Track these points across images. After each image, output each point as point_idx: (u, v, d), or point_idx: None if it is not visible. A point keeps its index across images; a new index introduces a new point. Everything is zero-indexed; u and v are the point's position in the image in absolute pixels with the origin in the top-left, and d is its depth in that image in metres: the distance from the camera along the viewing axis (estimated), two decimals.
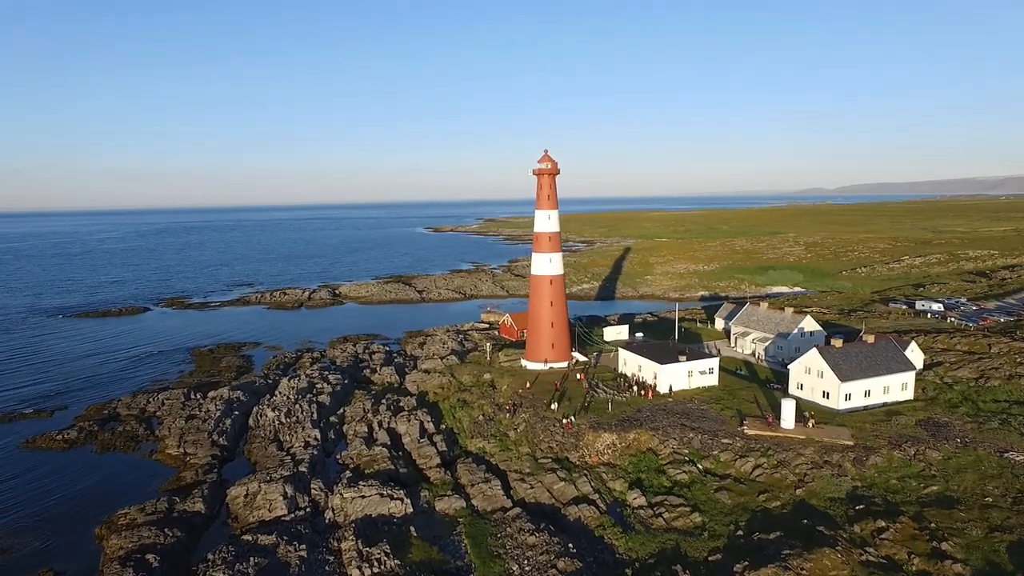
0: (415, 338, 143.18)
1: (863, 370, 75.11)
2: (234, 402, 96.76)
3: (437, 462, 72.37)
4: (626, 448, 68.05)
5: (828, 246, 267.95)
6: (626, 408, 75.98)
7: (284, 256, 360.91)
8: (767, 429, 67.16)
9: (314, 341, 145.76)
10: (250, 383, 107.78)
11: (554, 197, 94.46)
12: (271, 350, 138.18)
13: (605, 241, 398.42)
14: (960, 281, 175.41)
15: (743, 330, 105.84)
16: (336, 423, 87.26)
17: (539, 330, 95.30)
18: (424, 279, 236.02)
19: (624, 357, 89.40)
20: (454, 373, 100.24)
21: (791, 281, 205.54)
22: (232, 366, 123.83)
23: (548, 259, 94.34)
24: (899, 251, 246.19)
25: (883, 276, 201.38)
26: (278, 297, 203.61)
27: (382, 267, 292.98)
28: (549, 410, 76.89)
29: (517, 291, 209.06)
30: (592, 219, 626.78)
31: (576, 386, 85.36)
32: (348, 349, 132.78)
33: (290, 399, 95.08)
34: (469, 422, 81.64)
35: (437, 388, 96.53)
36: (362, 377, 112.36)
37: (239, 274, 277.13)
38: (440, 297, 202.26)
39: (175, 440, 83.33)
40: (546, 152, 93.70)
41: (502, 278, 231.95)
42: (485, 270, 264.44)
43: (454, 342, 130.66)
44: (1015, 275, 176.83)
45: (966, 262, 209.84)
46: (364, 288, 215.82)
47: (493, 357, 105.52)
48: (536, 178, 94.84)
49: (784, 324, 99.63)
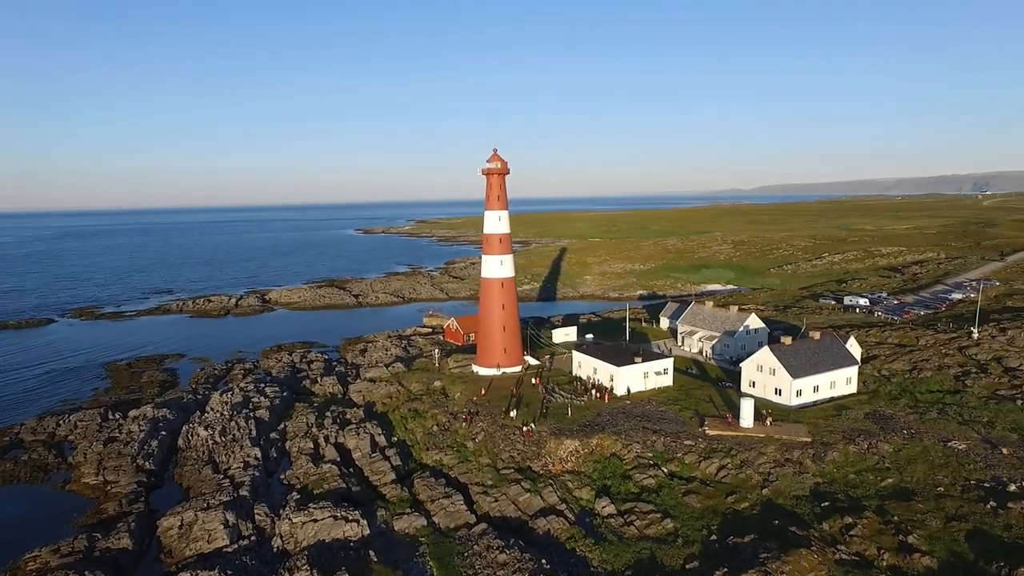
0: (355, 345, 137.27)
1: (812, 366, 76.96)
2: (159, 421, 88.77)
3: (392, 478, 68.42)
4: (589, 454, 66.53)
5: (754, 245, 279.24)
6: (586, 412, 74.57)
7: (205, 260, 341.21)
8: (727, 429, 67.34)
9: (245, 351, 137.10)
10: (176, 399, 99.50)
11: (504, 198, 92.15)
12: (197, 362, 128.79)
13: (540, 241, 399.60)
14: (877, 276, 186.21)
15: (690, 329, 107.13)
16: (277, 440, 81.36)
17: (491, 334, 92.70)
18: (359, 283, 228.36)
19: (578, 360, 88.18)
20: (402, 381, 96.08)
21: (723, 279, 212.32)
22: (154, 381, 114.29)
23: (499, 261, 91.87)
24: (819, 249, 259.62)
25: (808, 273, 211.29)
26: (201, 304, 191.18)
27: (314, 271, 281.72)
28: (508, 418, 74.41)
29: (457, 294, 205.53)
30: (525, 220, 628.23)
31: (532, 391, 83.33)
32: (283, 359, 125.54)
33: (224, 415, 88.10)
34: (423, 433, 77.99)
35: (385, 398, 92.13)
36: (302, 388, 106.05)
37: (156, 280, 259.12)
38: (377, 301, 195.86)
39: (92, 467, 75.22)
40: (495, 151, 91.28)
41: (441, 281, 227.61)
42: (422, 273, 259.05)
43: (398, 348, 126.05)
44: (924, 270, 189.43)
45: (880, 258, 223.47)
46: (296, 293, 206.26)
47: (442, 363, 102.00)
48: (485, 178, 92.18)
49: (730, 322, 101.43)
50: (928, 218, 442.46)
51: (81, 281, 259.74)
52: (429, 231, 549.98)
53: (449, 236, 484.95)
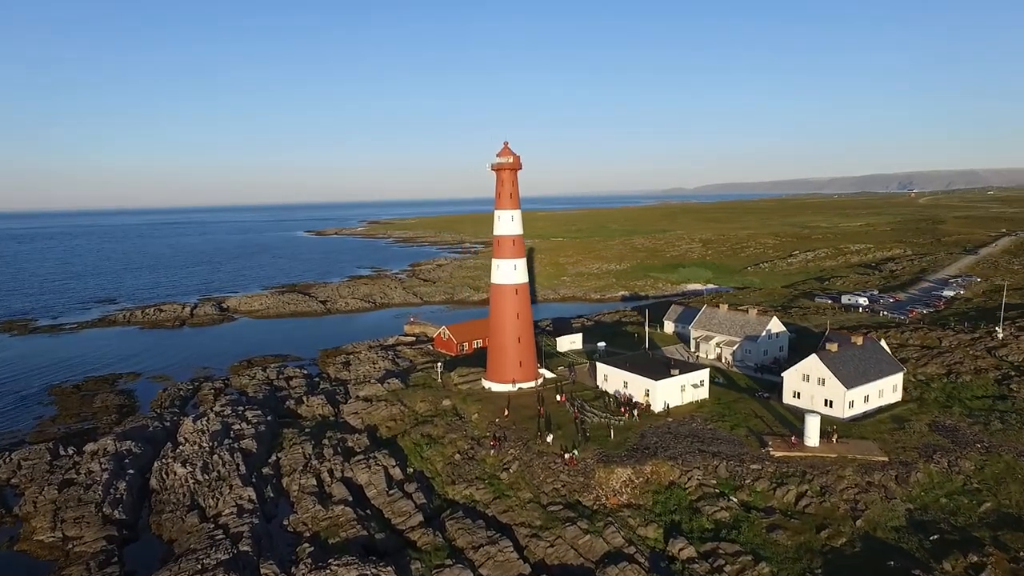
0: (334, 357, 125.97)
1: (862, 374, 71.88)
2: (124, 456, 76.29)
3: (419, 519, 59.08)
4: (645, 484, 59.04)
5: (723, 243, 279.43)
6: (628, 434, 67.09)
7: (148, 266, 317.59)
8: (793, 449, 61.12)
9: (210, 367, 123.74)
10: (140, 428, 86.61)
11: (516, 195, 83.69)
12: (157, 381, 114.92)
13: None
14: (856, 274, 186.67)
15: (705, 334, 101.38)
16: (271, 476, 70.42)
17: (504, 346, 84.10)
18: (324, 288, 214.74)
19: (604, 372, 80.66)
20: (403, 400, 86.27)
21: (702, 278, 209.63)
22: (110, 406, 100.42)
23: (513, 266, 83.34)
24: (786, 246, 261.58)
25: (785, 271, 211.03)
26: (152, 314, 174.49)
27: (270, 275, 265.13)
28: (543, 443, 66.09)
29: (432, 298, 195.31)
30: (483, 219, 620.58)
31: (560, 410, 75.26)
32: (257, 375, 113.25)
33: (203, 447, 76.35)
34: (443, 463, 68.74)
35: (388, 420, 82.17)
36: (286, 410, 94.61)
37: (95, 288, 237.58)
38: (348, 308, 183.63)
39: (47, 519, 62.70)
40: (506, 144, 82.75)
41: (411, 284, 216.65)
42: (388, 276, 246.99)
43: (385, 360, 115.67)
44: (899, 267, 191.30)
45: (850, 255, 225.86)
46: (256, 300, 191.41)
47: (445, 378, 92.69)
48: (495, 174, 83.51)
49: (750, 326, 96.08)
50: (875, 215, 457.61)
51: (7, 291, 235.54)
52: (385, 232, 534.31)
53: (407, 237, 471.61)
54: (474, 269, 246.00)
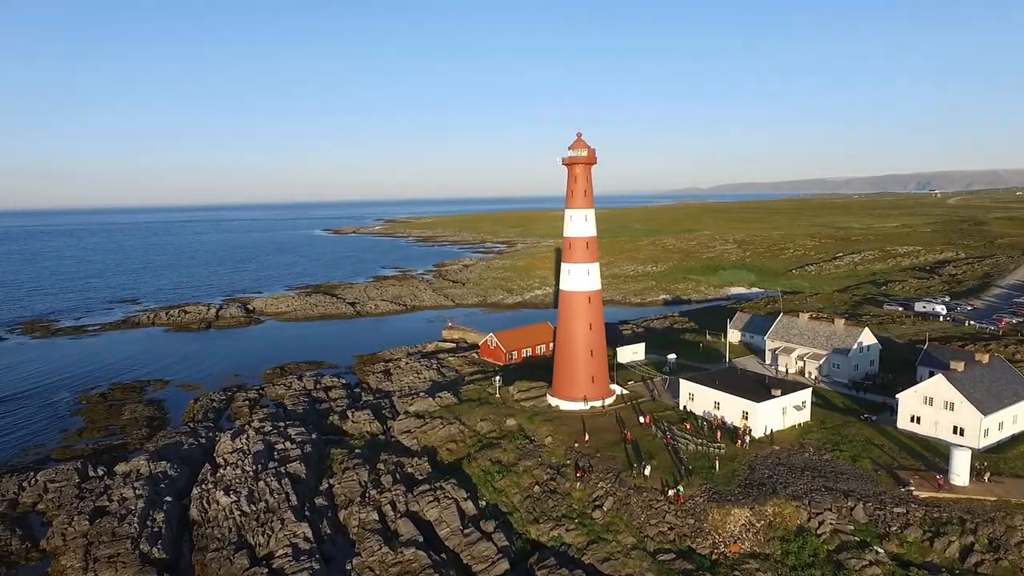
0: (372, 365, 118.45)
1: (997, 398, 62.98)
2: (159, 480, 69.14)
3: (504, 567, 50.97)
4: (767, 527, 50.61)
5: (760, 244, 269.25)
6: (733, 465, 58.67)
7: (168, 264, 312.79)
8: (940, 489, 52.40)
9: (242, 374, 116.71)
10: (174, 445, 79.54)
11: (591, 193, 75.43)
12: (187, 390, 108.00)
13: (525, 241, 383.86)
14: (912, 279, 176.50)
15: (784, 345, 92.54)
16: (326, 508, 62.62)
17: (575, 360, 75.89)
18: (350, 288, 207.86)
19: (689, 390, 72.19)
20: (461, 418, 78.25)
21: (746, 281, 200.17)
22: (139, 418, 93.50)
23: (586, 271, 75.09)
24: (826, 248, 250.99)
25: (833, 275, 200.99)
26: (177, 316, 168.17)
27: (294, 275, 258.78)
28: (639, 475, 57.80)
29: (464, 300, 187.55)
30: (498, 218, 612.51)
31: (645, 434, 66.91)
32: (293, 384, 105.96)
33: (245, 471, 68.84)
34: (520, 496, 60.68)
35: (447, 442, 74.18)
36: (328, 426, 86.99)
37: (117, 288, 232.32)
38: (378, 310, 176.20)
39: (78, 556, 55.51)
40: (579, 136, 74.46)
41: (441, 286, 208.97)
42: (414, 276, 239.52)
43: (430, 370, 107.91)
44: (959, 271, 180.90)
45: (900, 258, 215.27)
46: (282, 302, 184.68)
47: (504, 393, 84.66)
48: (567, 169, 75.31)
49: (838, 338, 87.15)
50: (909, 216, 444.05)
51: (28, 290, 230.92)
52: (404, 231, 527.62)
53: (427, 236, 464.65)
54: (503, 270, 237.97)
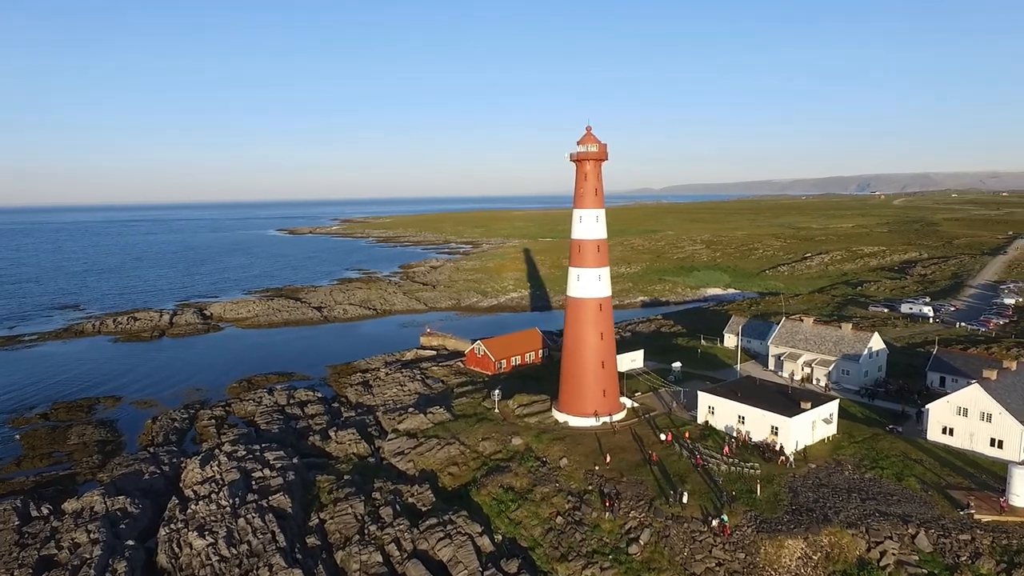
0: (348, 376, 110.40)
1: None
2: (118, 519, 60.19)
3: None
4: (826, 560, 45.96)
5: (727, 244, 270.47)
6: (775, 488, 53.99)
7: (113, 267, 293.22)
8: (1003, 512, 48.82)
9: (204, 388, 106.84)
10: (133, 475, 70.30)
11: (602, 191, 69.95)
12: (143, 407, 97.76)
13: (490, 242, 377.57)
14: (886, 279, 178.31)
15: (788, 351, 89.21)
16: (318, 548, 54.97)
17: (584, 372, 70.26)
18: (314, 292, 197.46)
19: (709, 403, 67.42)
20: (460, 437, 71.56)
21: (721, 283, 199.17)
22: (88, 442, 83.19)
23: (597, 276, 69.60)
24: (795, 248, 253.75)
25: (806, 275, 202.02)
26: (126, 323, 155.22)
27: (251, 278, 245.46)
28: (675, 504, 52.44)
29: (437, 304, 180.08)
30: (460, 218, 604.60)
31: (669, 452, 61.68)
32: (263, 399, 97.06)
33: (220, 506, 60.44)
34: (541, 529, 54.50)
35: (448, 465, 67.37)
36: (310, 448, 78.90)
37: (57, 293, 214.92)
38: (346, 315, 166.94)
39: None
40: (589, 130, 68.83)
41: (411, 288, 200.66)
42: (380, 279, 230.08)
43: (414, 382, 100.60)
44: (928, 271, 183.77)
45: (868, 258, 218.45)
46: (243, 307, 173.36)
47: (503, 408, 78.34)
48: (576, 166, 69.59)
49: (846, 343, 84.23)
50: (861, 217, 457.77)
51: None
52: (363, 231, 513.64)
53: (388, 237, 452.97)
54: (473, 272, 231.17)
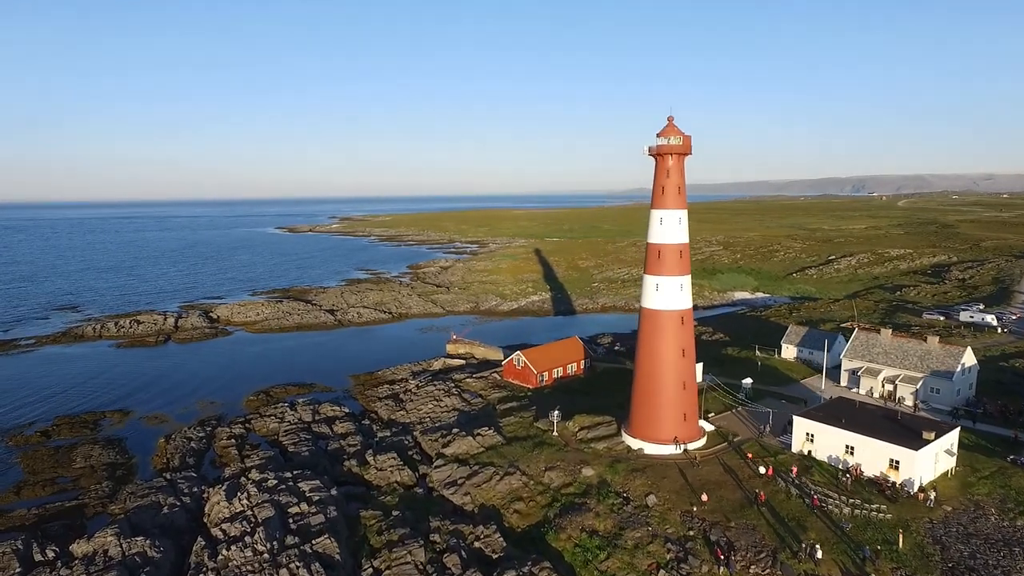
0: (374, 388, 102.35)
1: None
2: (137, 567, 51.83)
3: None
4: None
5: (746, 246, 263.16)
6: (917, 539, 46.16)
7: (112, 266, 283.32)
8: None
9: (218, 401, 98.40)
10: (149, 507, 61.98)
11: (684, 189, 62.00)
12: (153, 423, 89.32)
13: (496, 241, 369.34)
14: (924, 284, 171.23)
15: (866, 366, 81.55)
16: None
17: (663, 393, 62.30)
18: (324, 294, 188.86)
19: (808, 430, 59.57)
20: (520, 466, 63.48)
21: (748, 286, 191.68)
22: (96, 466, 74.74)
23: (679, 285, 61.64)
24: (816, 251, 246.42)
25: (836, 279, 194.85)
26: (128, 327, 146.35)
27: (256, 278, 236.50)
28: (805, 559, 44.52)
29: (454, 307, 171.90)
30: (463, 217, 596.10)
31: (774, 490, 53.75)
32: (285, 415, 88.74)
33: (257, 551, 52.07)
34: None
35: (512, 500, 59.22)
36: (345, 475, 70.60)
37: (53, 293, 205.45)
38: (361, 319, 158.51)
39: None
40: (671, 120, 60.85)
41: (425, 290, 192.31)
42: (390, 280, 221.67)
43: (449, 396, 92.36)
44: (968, 275, 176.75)
45: (897, 261, 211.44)
46: (251, 309, 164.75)
47: (562, 430, 70.31)
48: (656, 161, 61.60)
49: (935, 359, 76.59)
50: (870, 218, 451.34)
51: None
52: (364, 229, 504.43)
53: (391, 235, 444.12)
54: (487, 273, 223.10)
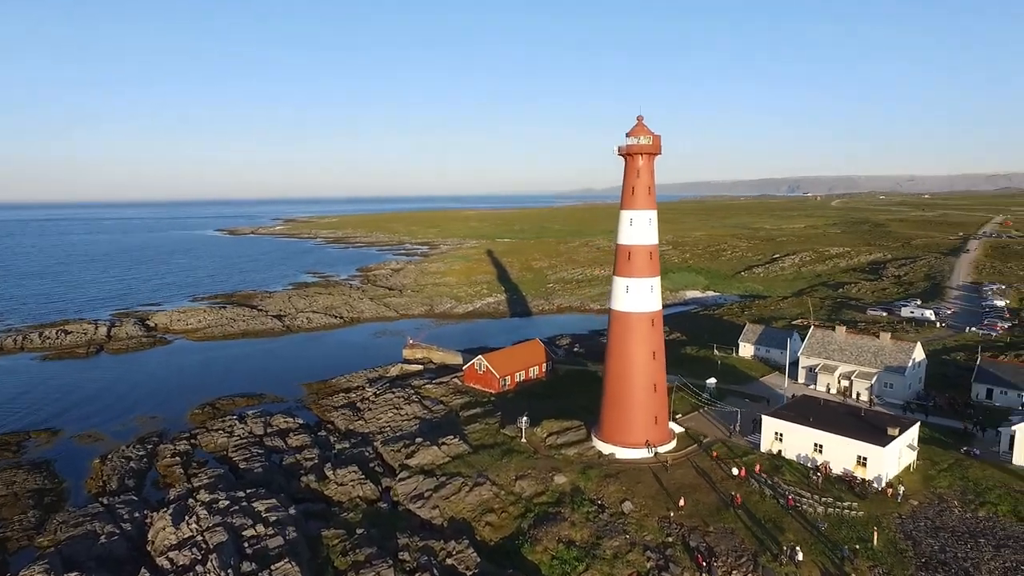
0: (329, 397, 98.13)
1: None
2: None
3: None
4: None
5: (696, 246, 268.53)
6: (889, 534, 46.50)
7: (34, 272, 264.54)
8: None
9: (160, 416, 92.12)
10: (84, 538, 56.83)
11: (654, 190, 61.27)
12: (86, 442, 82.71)
13: (448, 243, 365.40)
14: (864, 280, 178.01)
15: (823, 362, 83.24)
16: None
17: (632, 397, 61.42)
18: (270, 298, 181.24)
19: (776, 429, 59.77)
20: (489, 475, 61.37)
21: (699, 285, 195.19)
22: (21, 492, 68.28)
23: (649, 287, 60.86)
24: (762, 249, 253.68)
25: (782, 277, 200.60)
26: (55, 337, 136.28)
27: (196, 283, 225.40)
28: (787, 562, 44.12)
29: (410, 311, 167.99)
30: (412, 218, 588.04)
31: (748, 491, 53.43)
32: (234, 428, 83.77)
33: None
34: None
35: (483, 511, 57.00)
36: (303, 491, 66.73)
37: None
38: (311, 324, 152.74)
39: None
40: (640, 120, 59.99)
41: (377, 294, 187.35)
42: (340, 283, 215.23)
43: (410, 404, 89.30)
44: (902, 272, 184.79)
45: (837, 259, 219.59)
46: (191, 316, 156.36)
47: (531, 436, 68.57)
48: (625, 161, 60.62)
49: (888, 354, 78.77)
50: (808, 218, 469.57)
51: None
52: (310, 231, 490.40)
53: (338, 238, 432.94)
54: (440, 275, 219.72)
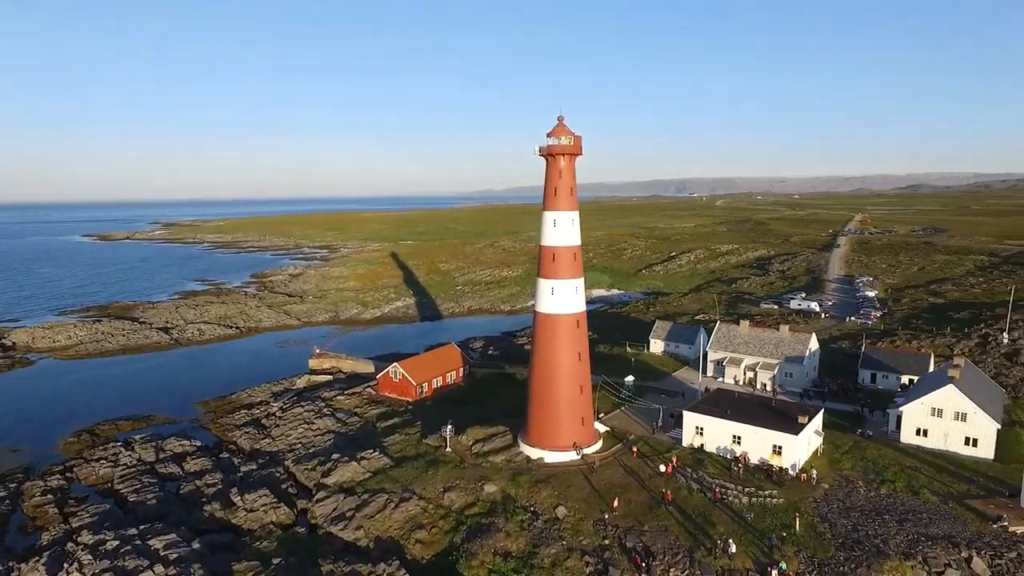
0: (230, 415, 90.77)
1: (995, 405, 62.02)
2: None
3: None
4: None
5: (598, 245, 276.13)
6: (809, 519, 48.82)
7: None
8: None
9: (23, 448, 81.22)
10: None
11: (576, 190, 61.10)
12: None
13: (349, 246, 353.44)
14: (753, 275, 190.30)
15: (729, 355, 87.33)
16: None
17: (559, 400, 60.94)
18: (154, 310, 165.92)
19: (697, 423, 61.44)
20: (415, 489, 58.63)
21: (604, 283, 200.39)
22: None
23: (574, 288, 60.66)
24: (659, 248, 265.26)
25: (680, 274, 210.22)
26: None
27: (65, 295, 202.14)
28: (721, 555, 45.00)
29: (313, 318, 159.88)
30: (309, 220, 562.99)
31: (677, 487, 54.36)
32: (120, 456, 75.25)
33: None
34: None
35: (412, 528, 54.15)
36: (205, 521, 60.55)
37: None
38: (203, 337, 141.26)
39: None
40: (561, 120, 59.63)
41: (276, 301, 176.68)
42: (233, 290, 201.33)
43: (322, 417, 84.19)
44: (785, 267, 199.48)
45: (728, 256, 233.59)
46: (59, 332, 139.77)
47: (455, 445, 66.40)
48: (547, 162, 60.00)
49: (787, 345, 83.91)
50: (697, 217, 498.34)
51: None
52: (194, 235, 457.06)
53: (227, 242, 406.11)
54: (343, 280, 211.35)
